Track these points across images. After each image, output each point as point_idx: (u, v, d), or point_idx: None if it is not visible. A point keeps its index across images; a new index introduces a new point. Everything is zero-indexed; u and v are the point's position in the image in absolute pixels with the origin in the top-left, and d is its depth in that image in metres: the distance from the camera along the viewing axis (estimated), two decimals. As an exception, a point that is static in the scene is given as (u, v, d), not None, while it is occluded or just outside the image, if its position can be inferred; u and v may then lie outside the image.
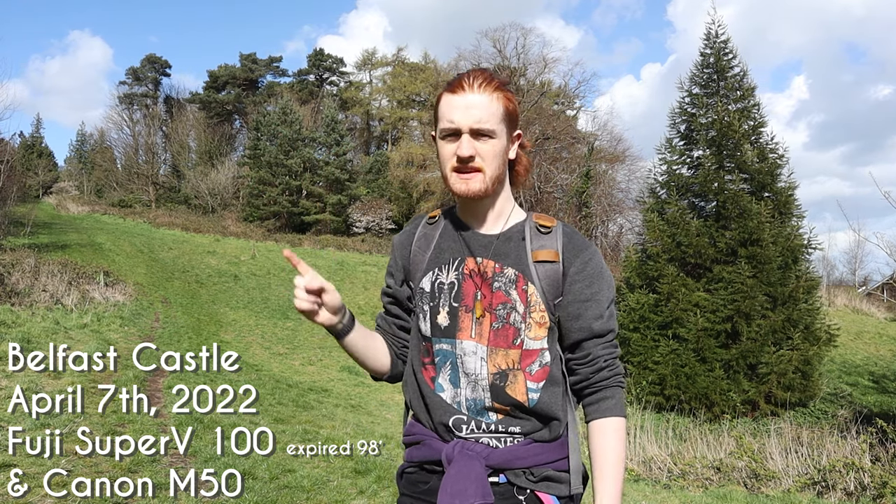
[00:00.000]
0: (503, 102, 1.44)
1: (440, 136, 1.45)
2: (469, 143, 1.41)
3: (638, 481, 7.90)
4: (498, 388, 1.44)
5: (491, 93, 1.43)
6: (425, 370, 1.51)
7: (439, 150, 1.47)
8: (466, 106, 1.41)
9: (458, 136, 1.42)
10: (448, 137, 1.44)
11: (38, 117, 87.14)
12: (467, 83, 1.42)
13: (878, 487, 6.50)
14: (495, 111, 1.42)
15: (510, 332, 1.45)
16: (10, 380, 6.59)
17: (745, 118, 14.81)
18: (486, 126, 1.41)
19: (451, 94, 1.43)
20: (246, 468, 4.78)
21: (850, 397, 14.39)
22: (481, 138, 1.42)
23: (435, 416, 1.47)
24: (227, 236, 33.19)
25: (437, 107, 1.47)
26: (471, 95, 1.41)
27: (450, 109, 1.42)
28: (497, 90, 1.43)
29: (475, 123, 1.40)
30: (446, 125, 1.43)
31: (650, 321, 14.26)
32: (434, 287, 1.50)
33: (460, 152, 1.41)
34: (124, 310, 14.84)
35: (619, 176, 37.08)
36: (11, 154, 25.69)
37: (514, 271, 1.46)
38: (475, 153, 1.41)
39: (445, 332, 1.47)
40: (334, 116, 42.79)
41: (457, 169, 1.43)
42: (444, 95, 1.45)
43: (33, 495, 3.67)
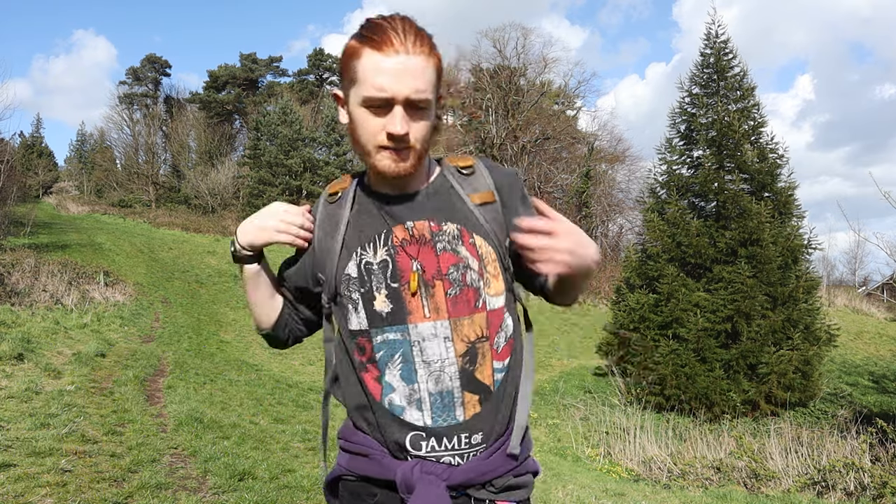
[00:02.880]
0: (435, 64, 1.21)
1: (362, 104, 1.20)
2: (403, 118, 1.18)
3: (638, 481, 7.90)
4: (467, 374, 1.26)
5: (427, 54, 1.19)
6: (366, 371, 1.28)
7: (358, 119, 1.22)
8: (400, 71, 1.16)
9: (388, 106, 1.18)
10: (374, 108, 1.19)
11: (38, 117, 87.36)
12: (398, 40, 1.16)
13: (878, 487, 6.51)
14: (430, 77, 1.20)
15: (470, 295, 1.27)
16: (11, 379, 6.59)
17: (745, 118, 14.81)
18: (422, 96, 1.18)
19: (377, 51, 1.17)
20: (246, 468, 4.78)
21: (849, 397, 14.39)
22: (415, 112, 1.20)
23: (388, 434, 1.27)
24: (228, 236, 33.17)
25: (354, 63, 1.20)
26: (404, 57, 1.16)
27: (376, 72, 1.16)
28: (431, 49, 1.20)
29: (413, 94, 1.17)
30: (373, 93, 1.17)
31: (650, 321, 14.25)
32: (361, 270, 1.27)
33: (393, 129, 1.18)
34: (124, 310, 14.84)
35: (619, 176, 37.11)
36: (11, 154, 25.68)
37: (456, 226, 1.28)
38: (409, 130, 1.19)
39: (389, 318, 1.25)
40: (334, 116, 42.77)
41: (385, 146, 1.21)
42: (367, 52, 1.18)
43: (33, 495, 3.66)
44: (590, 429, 10.86)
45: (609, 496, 6.15)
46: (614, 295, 16.60)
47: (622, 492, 6.54)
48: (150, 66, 55.23)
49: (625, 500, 6.10)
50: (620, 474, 8.26)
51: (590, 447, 9.80)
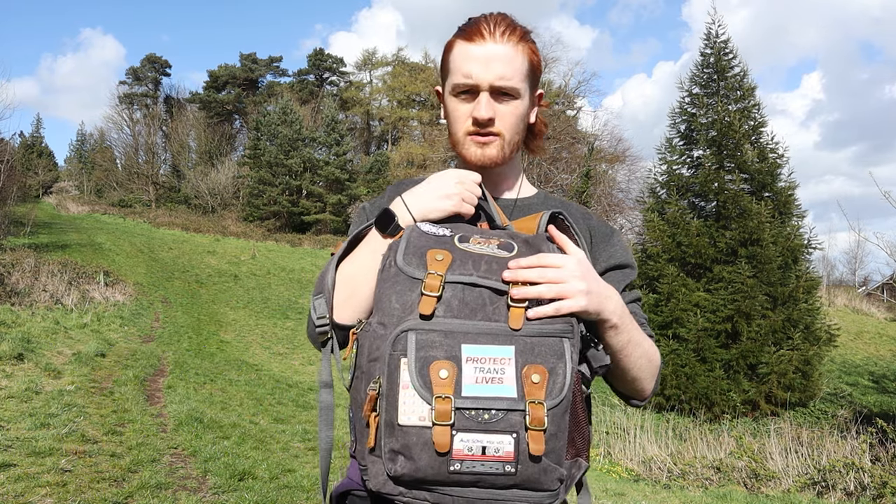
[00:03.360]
0: (528, 55, 1.21)
1: (452, 93, 1.22)
2: (489, 103, 1.18)
3: (638, 481, 7.89)
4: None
5: (515, 43, 1.19)
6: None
7: (449, 109, 1.23)
8: (487, 58, 1.17)
9: (474, 93, 1.19)
10: (462, 95, 1.20)
11: (39, 117, 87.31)
12: (487, 30, 1.18)
13: (877, 487, 6.50)
14: (519, 66, 1.19)
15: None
16: (11, 379, 6.59)
17: (746, 118, 14.82)
18: (509, 84, 1.18)
19: (467, 42, 1.19)
20: (246, 468, 4.78)
21: (849, 397, 14.39)
22: (502, 98, 1.19)
23: None
24: (227, 236, 33.21)
25: (448, 56, 1.23)
26: (492, 45, 1.17)
27: (465, 61, 1.18)
28: (522, 40, 1.20)
29: (497, 80, 1.17)
30: (461, 80, 1.18)
31: (650, 321, 14.24)
32: None
33: (478, 113, 1.18)
34: (124, 310, 14.84)
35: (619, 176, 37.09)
36: (11, 154, 25.69)
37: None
38: (495, 115, 1.19)
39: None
40: (334, 116, 42.79)
41: (472, 132, 1.21)
42: (458, 43, 1.21)
43: (33, 495, 3.66)
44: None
45: (609, 496, 6.15)
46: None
47: (622, 492, 6.54)
48: (150, 66, 55.25)
49: (625, 500, 6.10)
50: (620, 474, 8.26)
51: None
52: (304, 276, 25.27)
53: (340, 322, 1.08)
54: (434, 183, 1.16)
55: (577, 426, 0.99)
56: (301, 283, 23.79)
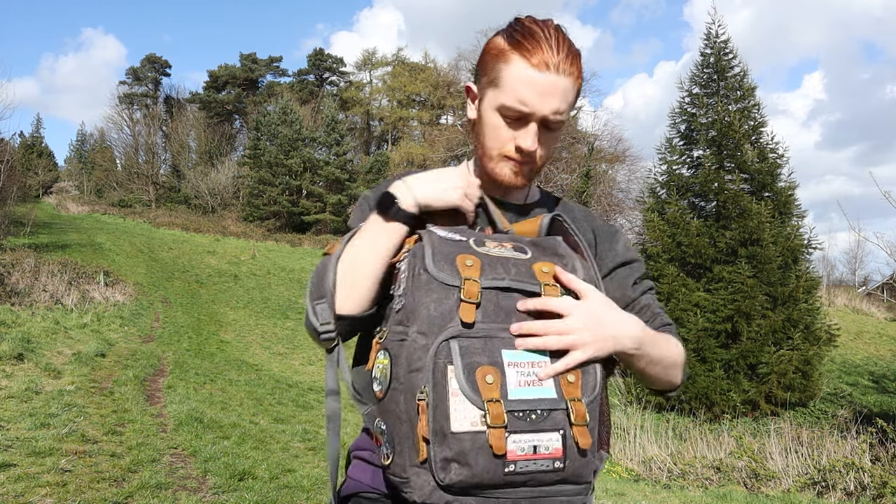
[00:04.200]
0: (578, 86, 1.16)
1: (499, 110, 1.14)
2: (536, 135, 1.14)
3: (638, 481, 7.89)
4: None
5: (575, 77, 1.13)
6: None
7: (488, 123, 1.17)
8: (547, 90, 1.10)
9: (524, 119, 1.13)
10: (510, 118, 1.14)
11: (39, 117, 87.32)
12: (551, 55, 1.09)
13: (878, 487, 6.50)
14: (571, 99, 1.15)
15: None
16: (11, 379, 6.59)
17: (746, 118, 14.82)
18: (560, 118, 1.14)
19: (528, 63, 1.10)
20: (246, 468, 4.78)
21: (850, 397, 14.39)
22: (547, 130, 1.16)
23: None
24: (227, 236, 33.22)
25: (499, 66, 1.13)
26: (555, 77, 1.10)
27: (523, 85, 1.10)
28: (579, 72, 1.14)
29: (552, 115, 1.12)
30: (514, 104, 1.11)
31: (653, 320, 14.27)
32: None
33: (524, 143, 1.13)
34: (124, 310, 14.84)
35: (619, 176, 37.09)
36: (11, 154, 25.70)
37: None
38: (538, 146, 1.16)
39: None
40: (334, 116, 42.80)
41: (510, 157, 1.17)
42: (516, 59, 1.11)
43: (33, 495, 3.66)
44: (590, 429, 10.83)
45: (609, 496, 6.15)
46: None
47: (622, 491, 6.54)
48: (150, 66, 55.27)
49: (625, 500, 6.10)
50: (620, 474, 8.26)
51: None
52: (304, 276, 25.28)
53: (343, 314, 1.06)
54: (439, 174, 1.15)
55: (602, 419, 1.04)
56: (301, 283, 23.80)
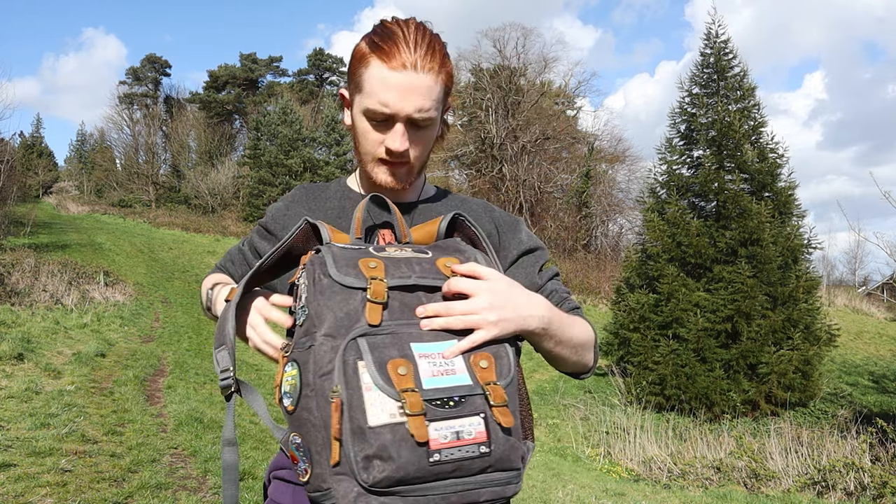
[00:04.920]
0: (445, 81, 1.17)
1: (365, 115, 1.16)
2: (404, 135, 1.15)
3: (638, 481, 7.90)
4: None
5: (437, 73, 1.14)
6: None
7: (359, 128, 1.19)
8: (406, 89, 1.11)
9: (390, 121, 1.15)
10: (376, 121, 1.16)
11: (39, 117, 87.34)
12: (407, 54, 1.11)
13: (878, 487, 6.50)
14: (437, 95, 1.15)
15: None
16: (11, 379, 6.59)
17: (746, 118, 14.82)
18: (426, 115, 1.14)
19: (385, 65, 1.11)
20: (246, 468, 4.78)
21: (850, 397, 14.39)
22: (417, 128, 1.17)
23: None
24: (228, 236, 33.21)
25: (361, 70, 1.15)
26: (412, 75, 1.11)
27: (382, 87, 1.11)
28: (441, 66, 1.15)
29: (415, 113, 1.13)
30: (376, 107, 1.13)
31: (650, 321, 14.25)
32: None
33: (392, 145, 1.15)
34: (124, 310, 14.84)
35: (619, 176, 37.09)
36: (11, 154, 25.70)
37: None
38: (408, 146, 1.17)
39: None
40: (334, 116, 42.79)
41: (383, 160, 1.19)
42: (374, 62, 1.12)
43: (33, 495, 3.66)
44: (590, 429, 10.86)
45: (609, 496, 6.15)
46: (614, 295, 16.60)
47: (622, 492, 6.54)
48: (150, 66, 55.26)
49: (625, 500, 6.10)
50: (620, 474, 8.26)
51: (590, 447, 9.80)
52: (304, 276, 25.27)
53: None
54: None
55: (522, 405, 1.02)
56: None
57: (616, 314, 15.50)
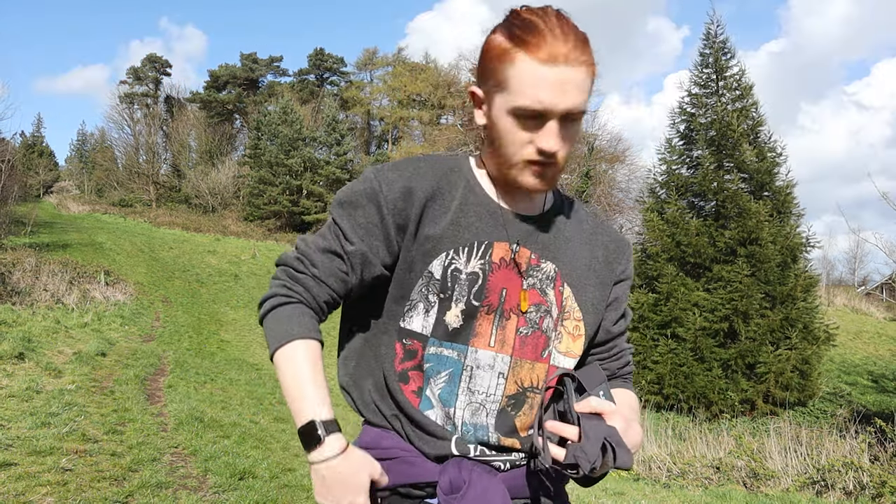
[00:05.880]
0: (592, 74, 1.07)
1: (512, 113, 1.06)
2: (557, 133, 1.05)
3: (637, 480, 7.91)
4: (506, 416, 1.14)
5: (589, 64, 1.05)
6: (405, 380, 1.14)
7: (503, 128, 1.08)
8: (562, 84, 1.02)
9: (541, 119, 1.04)
10: (525, 119, 1.05)
11: (39, 116, 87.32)
12: (558, 48, 1.01)
13: (876, 487, 6.51)
14: (588, 88, 1.06)
15: (540, 341, 1.16)
16: (11, 379, 6.60)
17: (744, 117, 14.84)
18: (580, 109, 1.05)
19: (536, 59, 1.01)
20: (246, 467, 4.79)
21: (848, 397, 14.40)
22: (568, 125, 1.07)
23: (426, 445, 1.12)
24: (228, 236, 33.24)
25: (505, 68, 1.05)
26: (566, 68, 1.02)
27: (535, 83, 1.02)
28: (591, 57, 1.06)
29: (571, 108, 1.04)
30: (529, 104, 1.03)
31: (649, 320, 14.27)
32: (447, 275, 1.12)
33: (546, 145, 1.05)
34: (125, 309, 14.86)
35: (619, 176, 37.09)
36: (12, 153, 25.71)
37: (554, 267, 1.18)
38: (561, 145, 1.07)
39: (454, 335, 1.12)
40: (335, 116, 42.81)
41: (533, 161, 1.08)
42: (522, 58, 1.03)
43: (34, 494, 3.68)
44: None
45: (609, 495, 6.16)
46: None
47: (622, 491, 6.56)
48: (150, 65, 55.28)
49: (624, 500, 6.12)
50: (620, 473, 8.27)
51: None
52: (304, 275, 25.29)
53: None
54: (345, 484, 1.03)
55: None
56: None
57: (616, 313, 15.52)
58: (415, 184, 1.12)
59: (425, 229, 1.12)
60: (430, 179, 1.14)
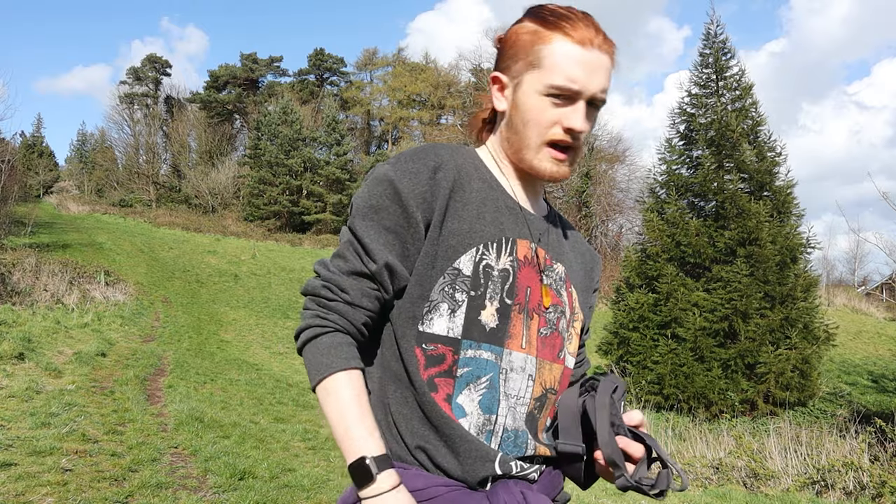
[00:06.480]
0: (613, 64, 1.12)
1: (542, 92, 1.07)
2: (584, 114, 1.07)
3: (637, 480, 7.91)
4: (533, 420, 1.12)
5: (612, 55, 1.10)
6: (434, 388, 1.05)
7: (532, 108, 1.09)
8: (594, 66, 1.06)
9: (570, 100, 1.07)
10: (556, 98, 1.07)
11: (39, 116, 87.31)
12: (591, 34, 1.07)
13: (876, 487, 6.51)
14: (610, 79, 1.12)
15: (557, 342, 1.16)
16: (11, 379, 6.60)
17: (744, 117, 14.84)
18: (605, 97, 1.10)
19: (573, 41, 1.06)
20: (246, 467, 4.79)
21: (848, 397, 14.40)
22: (591, 109, 1.10)
23: (466, 462, 1.04)
24: (228, 236, 33.24)
25: (540, 48, 1.08)
26: (598, 53, 1.07)
27: (572, 63, 1.05)
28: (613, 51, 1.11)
29: (600, 92, 1.08)
30: (564, 83, 1.05)
31: (649, 321, 14.27)
32: (479, 271, 1.07)
33: (576, 124, 1.07)
34: (125, 309, 14.86)
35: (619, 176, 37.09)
36: (12, 154, 25.71)
37: (563, 268, 1.20)
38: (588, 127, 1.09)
39: (490, 336, 1.06)
40: (335, 116, 42.83)
41: (554, 143, 1.09)
42: (558, 38, 1.06)
43: (34, 494, 3.68)
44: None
45: (609, 495, 6.17)
46: (614, 294, 16.62)
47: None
48: (150, 65, 55.27)
49: (624, 500, 6.12)
50: (620, 474, 8.26)
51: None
52: (304, 275, 25.30)
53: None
54: None
55: None
56: (301, 283, 23.80)
57: (615, 314, 15.52)
58: (440, 174, 1.08)
59: (450, 223, 1.07)
60: (452, 169, 1.10)
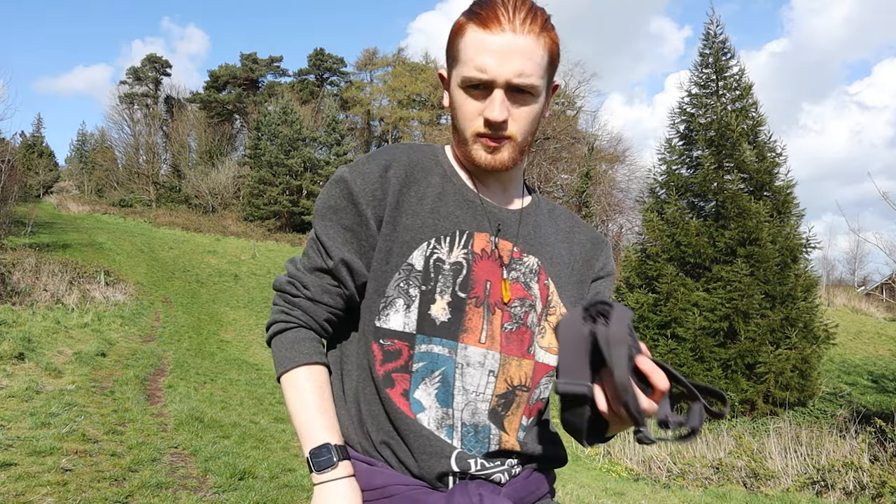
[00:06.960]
0: (548, 46, 1.06)
1: (461, 85, 1.06)
2: (503, 103, 1.04)
3: (638, 480, 7.91)
4: (497, 416, 1.09)
5: (537, 35, 1.04)
6: (391, 384, 1.06)
7: (456, 102, 1.08)
8: (506, 51, 1.02)
9: (487, 89, 1.05)
10: (473, 90, 1.06)
11: (39, 117, 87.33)
12: (505, 16, 1.02)
13: (876, 487, 6.52)
14: (539, 60, 1.04)
15: (525, 337, 1.12)
16: (12, 379, 6.60)
17: (744, 117, 14.84)
18: (528, 81, 1.03)
19: (482, 29, 1.03)
20: (246, 467, 4.79)
21: (848, 397, 14.40)
22: (518, 97, 1.05)
23: (422, 459, 1.05)
24: (228, 236, 33.24)
25: (458, 41, 1.07)
26: (511, 36, 1.02)
27: (479, 51, 1.03)
28: (543, 30, 1.05)
29: (515, 77, 1.03)
30: (473, 73, 1.04)
31: (649, 321, 14.28)
32: (429, 265, 1.08)
33: (491, 115, 1.04)
34: (125, 309, 14.86)
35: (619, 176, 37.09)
36: (12, 154, 25.71)
37: (537, 261, 1.16)
38: (509, 116, 1.05)
39: (443, 330, 1.06)
40: (335, 116, 42.83)
41: (481, 134, 1.07)
42: (471, 28, 1.05)
43: (34, 494, 3.68)
44: (589, 428, 10.84)
45: (609, 495, 6.17)
46: (614, 294, 16.62)
47: (622, 491, 6.56)
48: (150, 65, 55.29)
49: (624, 500, 6.12)
50: (620, 473, 8.28)
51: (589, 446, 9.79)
52: (304, 275, 25.30)
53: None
54: None
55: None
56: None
57: (616, 314, 15.52)
58: (391, 171, 1.10)
59: (404, 219, 1.09)
60: (404, 165, 1.12)
